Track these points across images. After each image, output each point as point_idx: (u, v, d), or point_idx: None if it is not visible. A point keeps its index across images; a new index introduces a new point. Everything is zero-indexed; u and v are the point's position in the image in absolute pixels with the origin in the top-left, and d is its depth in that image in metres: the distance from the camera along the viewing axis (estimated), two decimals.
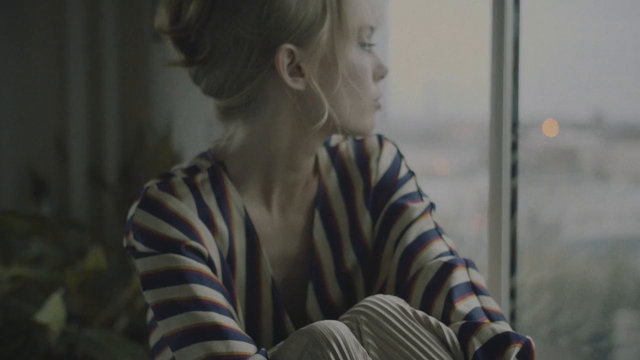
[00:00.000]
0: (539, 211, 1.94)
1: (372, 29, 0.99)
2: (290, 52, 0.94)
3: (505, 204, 1.35)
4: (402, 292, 0.97)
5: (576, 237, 1.96)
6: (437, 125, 2.36)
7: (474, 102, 1.88)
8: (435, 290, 0.94)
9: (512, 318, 1.41)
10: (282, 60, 0.94)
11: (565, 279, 1.87)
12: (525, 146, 1.74)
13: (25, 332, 1.64)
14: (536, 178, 1.90)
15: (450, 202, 2.19)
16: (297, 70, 0.95)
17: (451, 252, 1.00)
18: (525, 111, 1.39)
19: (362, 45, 0.98)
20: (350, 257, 1.06)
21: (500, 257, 1.34)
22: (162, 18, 0.98)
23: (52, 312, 1.49)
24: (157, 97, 2.35)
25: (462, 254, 1.02)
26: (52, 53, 2.47)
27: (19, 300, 1.67)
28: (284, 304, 1.03)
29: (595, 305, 1.78)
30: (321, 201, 1.06)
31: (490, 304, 0.95)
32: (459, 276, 0.95)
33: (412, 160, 1.13)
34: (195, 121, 2.17)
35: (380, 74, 1.01)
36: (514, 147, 1.36)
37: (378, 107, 1.02)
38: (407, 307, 0.91)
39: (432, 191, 1.12)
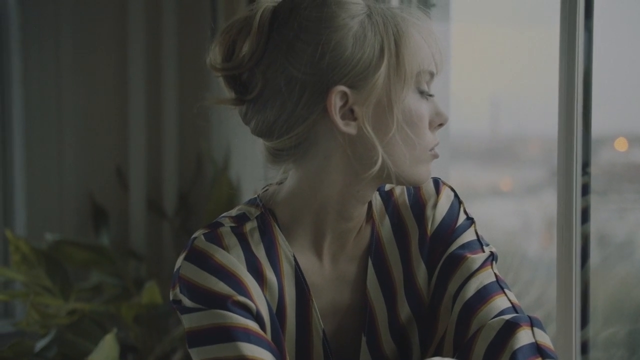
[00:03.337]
0: (610, 230, 1.85)
1: (431, 74, 0.94)
2: (344, 94, 0.90)
3: (577, 252, 1.27)
4: (462, 351, 0.91)
5: None
6: (502, 142, 2.30)
7: (539, 118, 1.82)
8: (497, 352, 0.88)
9: None
10: (335, 102, 0.90)
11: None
12: (596, 163, 1.68)
13: None
14: (607, 197, 1.81)
15: (515, 220, 2.13)
16: (349, 114, 0.91)
17: (514, 309, 0.94)
18: (594, 126, 1.31)
19: (421, 91, 0.94)
20: (404, 310, 1.00)
21: (572, 305, 1.26)
22: (215, 55, 0.95)
23: (105, 353, 1.48)
24: (216, 127, 2.35)
25: (526, 272, 0.95)
26: (113, 85, 2.53)
27: (74, 335, 1.67)
28: (335, 357, 0.99)
29: None
30: (375, 250, 1.01)
31: None
32: (523, 337, 0.88)
33: (476, 177, 1.06)
34: (252, 152, 2.17)
35: (438, 121, 0.96)
36: (585, 166, 1.28)
37: (435, 156, 0.96)
38: None
39: (497, 209, 1.05)
